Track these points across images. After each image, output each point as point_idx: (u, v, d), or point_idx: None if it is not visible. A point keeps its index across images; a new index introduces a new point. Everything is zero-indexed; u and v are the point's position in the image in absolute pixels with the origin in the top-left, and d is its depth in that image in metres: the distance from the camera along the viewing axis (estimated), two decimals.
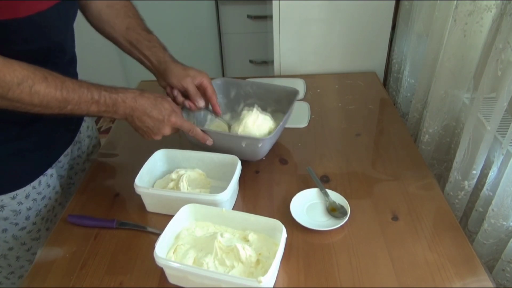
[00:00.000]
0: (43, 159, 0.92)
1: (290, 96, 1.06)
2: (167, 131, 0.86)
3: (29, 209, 0.89)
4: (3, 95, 0.67)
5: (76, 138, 1.04)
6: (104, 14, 0.94)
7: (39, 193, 0.91)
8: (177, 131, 0.89)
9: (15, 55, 0.69)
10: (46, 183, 0.92)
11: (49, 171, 0.93)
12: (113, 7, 0.95)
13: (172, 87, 0.95)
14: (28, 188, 0.88)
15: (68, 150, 1.01)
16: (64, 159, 1.01)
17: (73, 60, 0.96)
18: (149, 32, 0.97)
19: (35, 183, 0.89)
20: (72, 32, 0.91)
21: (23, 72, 0.68)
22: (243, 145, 0.91)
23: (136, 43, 0.95)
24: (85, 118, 1.08)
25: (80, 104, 0.76)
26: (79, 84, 0.76)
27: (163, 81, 0.96)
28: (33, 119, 0.74)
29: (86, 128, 1.09)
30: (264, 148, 0.94)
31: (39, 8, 0.71)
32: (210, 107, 0.98)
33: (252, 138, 0.93)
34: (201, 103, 0.95)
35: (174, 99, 0.94)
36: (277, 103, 1.10)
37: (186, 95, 0.95)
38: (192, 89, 0.93)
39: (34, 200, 0.90)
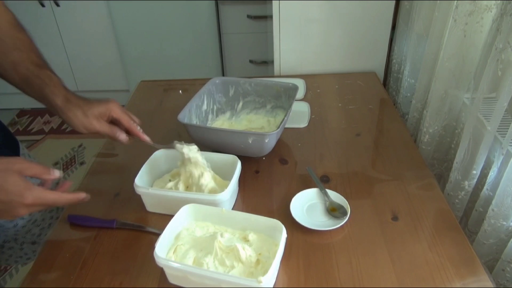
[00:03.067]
0: None
1: (289, 92, 1.07)
2: (23, 211, 0.65)
3: None
4: None
5: None
6: None
7: None
8: (44, 207, 0.70)
9: None
10: None
11: None
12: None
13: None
14: None
15: None
16: None
17: None
18: (40, 66, 0.79)
19: None
20: None
21: None
22: (250, 142, 0.92)
23: (26, 80, 0.78)
24: (22, 151, 0.95)
25: None
26: None
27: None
28: None
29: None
30: (270, 143, 0.95)
31: None
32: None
33: (258, 133, 0.96)
34: (123, 137, 0.82)
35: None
36: (276, 99, 1.11)
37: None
38: (104, 130, 0.79)
39: None
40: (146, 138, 0.86)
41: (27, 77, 0.77)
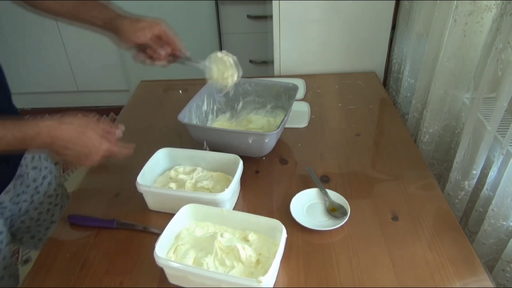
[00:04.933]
0: None
1: (289, 92, 1.08)
2: (98, 157, 0.76)
3: None
4: None
5: (18, 172, 0.92)
6: None
7: None
8: (110, 156, 0.79)
9: None
10: None
11: None
12: None
13: (139, 48, 0.88)
14: None
15: (10, 186, 0.90)
16: (5, 197, 0.90)
17: None
18: None
19: None
20: None
21: None
22: (250, 142, 0.92)
23: (76, 5, 0.87)
24: None
25: None
26: None
27: (122, 42, 0.87)
28: None
29: (31, 160, 0.95)
30: (270, 143, 0.95)
31: None
32: (183, 54, 0.92)
33: (258, 133, 0.97)
34: (162, 51, 0.88)
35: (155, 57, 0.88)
36: (276, 99, 1.12)
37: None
38: (148, 42, 0.86)
39: None
40: (185, 52, 0.92)
41: (78, 3, 0.86)
